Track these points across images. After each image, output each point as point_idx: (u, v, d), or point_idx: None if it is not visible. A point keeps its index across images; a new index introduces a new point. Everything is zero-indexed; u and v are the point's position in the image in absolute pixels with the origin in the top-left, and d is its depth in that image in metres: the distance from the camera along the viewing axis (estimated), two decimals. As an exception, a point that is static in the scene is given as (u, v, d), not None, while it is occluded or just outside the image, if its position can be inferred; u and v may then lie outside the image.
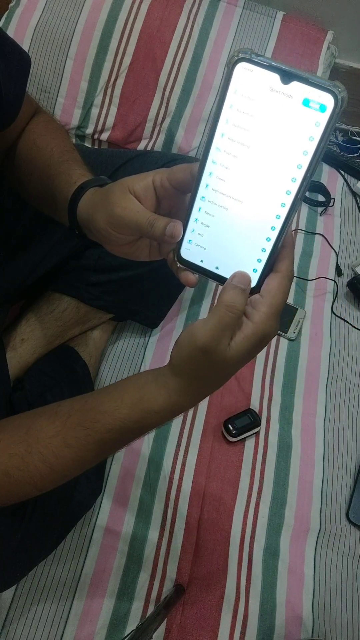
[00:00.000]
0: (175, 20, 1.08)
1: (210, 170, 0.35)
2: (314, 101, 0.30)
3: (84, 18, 1.08)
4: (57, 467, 0.42)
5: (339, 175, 1.25)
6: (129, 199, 0.42)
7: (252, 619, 0.73)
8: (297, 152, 0.32)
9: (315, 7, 1.15)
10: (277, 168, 0.33)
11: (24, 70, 0.55)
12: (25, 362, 0.78)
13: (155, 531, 0.77)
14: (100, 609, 0.72)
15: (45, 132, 0.58)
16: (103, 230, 0.44)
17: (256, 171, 0.33)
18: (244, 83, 0.31)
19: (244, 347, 0.37)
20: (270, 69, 0.30)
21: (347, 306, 1.06)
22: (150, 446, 0.84)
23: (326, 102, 0.29)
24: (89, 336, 0.87)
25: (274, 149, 0.32)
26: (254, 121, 0.32)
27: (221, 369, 0.38)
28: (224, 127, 0.33)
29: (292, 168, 0.32)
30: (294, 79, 0.29)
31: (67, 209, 0.49)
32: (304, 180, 0.33)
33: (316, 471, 0.85)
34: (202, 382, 0.39)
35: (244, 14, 1.12)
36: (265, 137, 0.32)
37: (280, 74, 0.30)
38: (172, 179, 0.41)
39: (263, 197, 0.34)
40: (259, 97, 0.31)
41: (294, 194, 0.33)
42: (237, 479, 0.83)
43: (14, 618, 0.70)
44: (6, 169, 0.59)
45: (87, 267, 0.80)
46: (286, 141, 0.32)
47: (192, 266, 0.40)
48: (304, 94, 0.30)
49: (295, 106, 0.30)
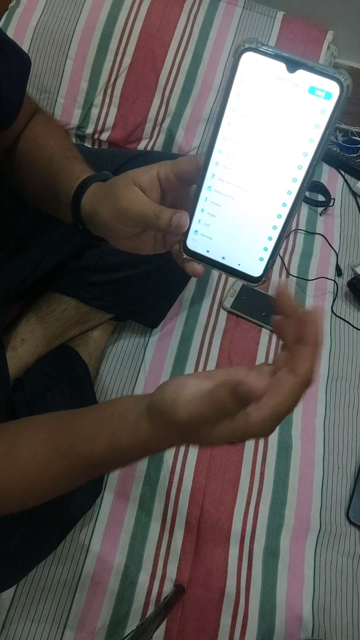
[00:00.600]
0: (175, 20, 1.08)
1: (217, 160, 0.35)
2: (320, 89, 0.30)
3: (84, 18, 1.08)
4: (36, 485, 0.42)
5: (339, 175, 1.25)
6: (134, 191, 0.42)
7: (252, 619, 0.73)
8: (304, 139, 0.32)
9: (315, 7, 1.15)
10: (283, 156, 0.33)
11: (24, 71, 0.56)
12: (25, 362, 0.78)
13: (155, 531, 0.77)
14: (100, 609, 0.72)
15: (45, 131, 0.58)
16: (108, 224, 0.44)
17: (263, 159, 0.34)
18: (250, 72, 0.31)
19: (224, 436, 0.33)
20: (276, 57, 0.30)
21: (347, 306, 1.06)
22: (150, 446, 0.83)
23: (332, 90, 0.30)
24: (89, 336, 0.87)
25: (281, 137, 0.32)
26: (261, 110, 0.32)
27: (197, 442, 0.35)
28: (231, 116, 0.33)
29: (298, 155, 0.33)
30: (299, 67, 0.30)
31: (71, 205, 0.49)
32: (309, 167, 0.33)
33: (316, 471, 0.85)
34: (175, 440, 0.36)
35: (244, 14, 1.12)
36: (271, 125, 0.32)
37: (286, 63, 0.30)
38: (177, 170, 0.41)
39: (269, 185, 0.34)
40: (265, 86, 0.31)
41: (300, 181, 0.34)
42: (237, 479, 0.83)
43: (14, 618, 0.70)
44: (6, 169, 0.59)
45: (87, 267, 0.80)
46: (292, 129, 0.32)
47: (198, 257, 0.40)
48: (309, 82, 0.30)
49: (301, 94, 0.30)
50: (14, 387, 0.74)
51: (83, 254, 0.80)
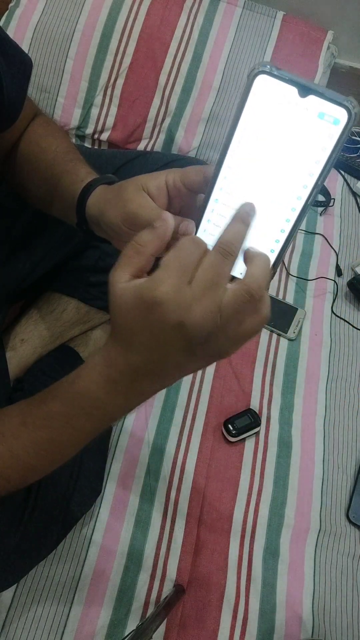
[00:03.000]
0: (175, 20, 1.09)
1: (226, 174, 0.36)
2: (329, 115, 0.32)
3: (84, 18, 1.08)
4: (16, 450, 0.41)
5: (339, 175, 1.25)
6: (142, 196, 0.43)
7: (252, 619, 0.73)
8: (310, 160, 0.34)
9: (315, 7, 1.15)
10: (290, 175, 0.35)
11: (26, 73, 0.56)
12: (25, 362, 0.78)
13: (155, 531, 0.77)
14: (100, 609, 0.72)
15: (46, 133, 0.58)
16: (115, 226, 0.45)
17: (269, 176, 0.35)
18: (263, 94, 0.33)
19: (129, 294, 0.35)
20: (289, 82, 0.32)
21: (347, 306, 1.06)
22: (150, 446, 0.84)
23: (340, 116, 0.31)
24: (89, 336, 0.87)
25: (288, 157, 0.34)
26: (270, 130, 0.34)
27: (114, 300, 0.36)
28: (241, 134, 0.34)
29: (304, 175, 0.34)
30: (311, 93, 0.31)
31: (76, 206, 0.50)
32: (314, 187, 0.35)
33: (316, 471, 0.86)
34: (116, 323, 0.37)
35: (244, 14, 1.12)
36: (279, 146, 0.34)
37: (298, 88, 0.31)
38: (185, 179, 0.42)
39: (274, 201, 0.36)
40: (276, 108, 0.33)
41: (304, 199, 0.35)
42: (237, 479, 0.83)
43: (14, 618, 0.70)
44: (7, 170, 0.59)
45: (87, 267, 0.80)
46: (300, 150, 0.33)
47: None
48: (319, 107, 0.32)
49: (310, 118, 0.32)
50: (14, 387, 0.74)
51: (83, 254, 0.80)
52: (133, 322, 0.35)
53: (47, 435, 0.41)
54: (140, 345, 0.36)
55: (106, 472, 0.80)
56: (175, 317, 0.33)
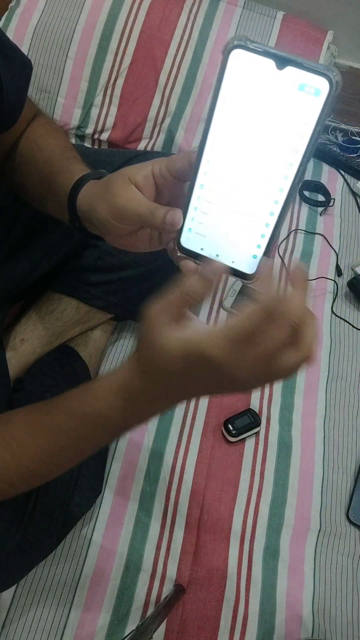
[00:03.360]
0: (175, 20, 1.08)
1: (209, 158, 0.35)
2: (309, 85, 0.30)
3: (84, 18, 1.08)
4: (22, 459, 0.42)
5: (339, 175, 1.25)
6: (130, 188, 0.42)
7: (252, 619, 0.73)
8: (294, 136, 0.32)
9: (315, 7, 1.15)
10: (274, 153, 0.33)
11: (26, 74, 0.56)
12: (25, 362, 0.78)
13: (155, 531, 0.77)
14: (100, 609, 0.72)
15: (45, 133, 0.58)
16: (105, 221, 0.45)
17: (253, 157, 0.34)
18: (240, 70, 0.31)
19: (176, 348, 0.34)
20: (265, 54, 0.30)
21: (347, 306, 1.06)
22: (150, 446, 0.84)
23: (321, 86, 0.30)
24: (89, 336, 0.87)
25: (271, 134, 0.32)
26: (250, 107, 0.32)
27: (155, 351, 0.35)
28: (221, 114, 0.33)
29: (288, 152, 0.33)
30: (288, 64, 0.30)
31: (67, 202, 0.50)
32: (300, 164, 0.33)
33: (316, 471, 0.85)
34: (146, 365, 0.37)
35: (244, 14, 1.12)
36: (261, 123, 0.32)
37: (275, 60, 0.30)
38: (171, 167, 0.41)
39: (261, 182, 0.34)
40: (255, 83, 0.31)
41: (291, 178, 0.33)
42: (237, 479, 0.83)
43: (14, 618, 0.70)
44: (6, 170, 0.59)
45: (87, 267, 0.80)
46: (282, 126, 0.32)
47: (192, 254, 0.40)
48: (298, 78, 0.30)
49: (290, 91, 0.30)
50: (14, 387, 0.74)
51: (83, 254, 0.80)
52: (174, 367, 0.35)
53: (56, 448, 0.42)
54: (170, 384, 0.36)
55: (106, 473, 0.80)
56: (228, 375, 0.34)
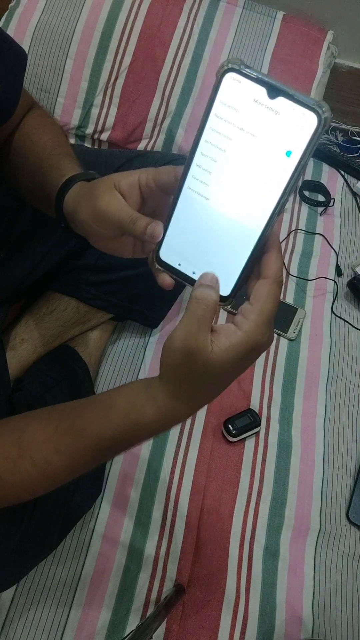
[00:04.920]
0: (175, 20, 1.08)
1: (193, 175, 0.35)
2: (298, 118, 0.30)
3: (84, 18, 1.08)
4: (48, 472, 0.42)
5: (339, 175, 1.25)
6: (113, 194, 0.42)
7: (252, 619, 0.73)
8: (278, 166, 0.32)
9: (315, 7, 1.15)
10: (257, 179, 0.33)
11: (21, 66, 0.55)
12: (25, 362, 0.78)
13: (155, 531, 0.77)
14: (100, 609, 0.72)
15: (39, 126, 0.58)
16: (85, 224, 0.44)
17: (237, 180, 0.33)
18: (231, 93, 0.31)
19: (232, 355, 0.35)
20: (257, 82, 0.30)
21: (347, 306, 1.06)
22: (150, 446, 0.84)
23: (310, 121, 0.29)
24: (89, 336, 0.87)
25: (255, 161, 0.32)
26: (238, 131, 0.32)
27: (208, 370, 0.35)
28: (209, 134, 0.33)
29: (272, 180, 0.32)
30: (280, 94, 0.30)
31: (55, 202, 0.49)
32: (282, 195, 0.33)
33: (316, 471, 0.85)
34: (191, 388, 0.37)
35: (244, 14, 1.12)
36: (247, 148, 0.32)
37: (267, 88, 0.30)
38: (157, 179, 0.41)
39: (242, 206, 0.34)
40: (245, 109, 0.31)
41: (273, 205, 0.33)
42: (237, 479, 0.83)
43: (14, 618, 0.70)
44: (1, 162, 0.59)
45: (86, 266, 0.80)
46: (267, 154, 0.32)
47: (169, 268, 0.40)
48: (289, 110, 0.30)
49: (279, 121, 0.30)
50: (14, 387, 0.74)
51: (82, 253, 0.80)
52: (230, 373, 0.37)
53: (81, 462, 0.42)
54: (219, 386, 0.38)
55: (106, 473, 0.80)
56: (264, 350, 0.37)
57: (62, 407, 0.44)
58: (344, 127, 1.30)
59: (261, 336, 0.35)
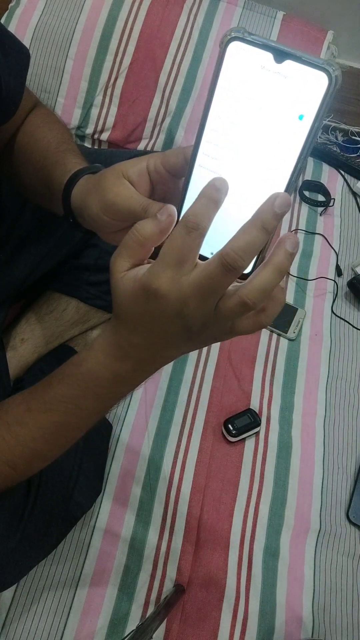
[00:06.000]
0: (175, 20, 1.09)
1: (205, 152, 0.34)
2: (308, 80, 0.29)
3: (84, 18, 1.08)
4: (22, 437, 0.42)
5: (339, 175, 1.25)
6: (122, 184, 0.41)
7: (252, 619, 0.73)
8: (291, 131, 0.31)
9: (315, 7, 1.15)
10: (270, 149, 0.32)
11: (24, 64, 0.55)
12: (25, 362, 0.78)
13: (155, 531, 0.77)
14: (100, 609, 0.72)
15: (43, 124, 0.58)
16: (96, 217, 0.44)
17: (250, 153, 0.32)
18: (237, 62, 0.30)
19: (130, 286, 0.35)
20: (263, 47, 0.29)
21: (347, 306, 1.06)
22: (150, 446, 0.84)
23: (320, 81, 0.29)
24: (89, 336, 0.87)
25: (268, 129, 0.31)
26: (248, 101, 0.31)
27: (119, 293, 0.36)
28: (217, 109, 0.32)
29: (286, 148, 0.31)
30: (287, 57, 0.29)
31: (62, 197, 0.49)
32: (298, 161, 0.32)
33: (316, 471, 0.86)
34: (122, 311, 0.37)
35: (244, 14, 1.12)
36: (258, 118, 0.31)
37: (274, 53, 0.29)
38: (166, 162, 0.40)
39: (257, 179, 0.33)
40: (252, 77, 0.30)
41: (288, 175, 0.32)
42: (237, 479, 0.83)
43: (14, 618, 0.70)
44: (4, 161, 0.59)
45: (86, 266, 0.80)
46: (279, 121, 0.31)
47: None
48: (297, 72, 0.29)
49: (288, 85, 0.29)
50: (14, 387, 0.74)
51: (83, 253, 0.80)
52: (135, 308, 0.36)
53: (53, 419, 0.42)
54: (142, 328, 0.37)
55: (106, 472, 0.80)
56: (174, 309, 0.34)
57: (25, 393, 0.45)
58: (344, 127, 1.30)
59: (154, 282, 0.34)
